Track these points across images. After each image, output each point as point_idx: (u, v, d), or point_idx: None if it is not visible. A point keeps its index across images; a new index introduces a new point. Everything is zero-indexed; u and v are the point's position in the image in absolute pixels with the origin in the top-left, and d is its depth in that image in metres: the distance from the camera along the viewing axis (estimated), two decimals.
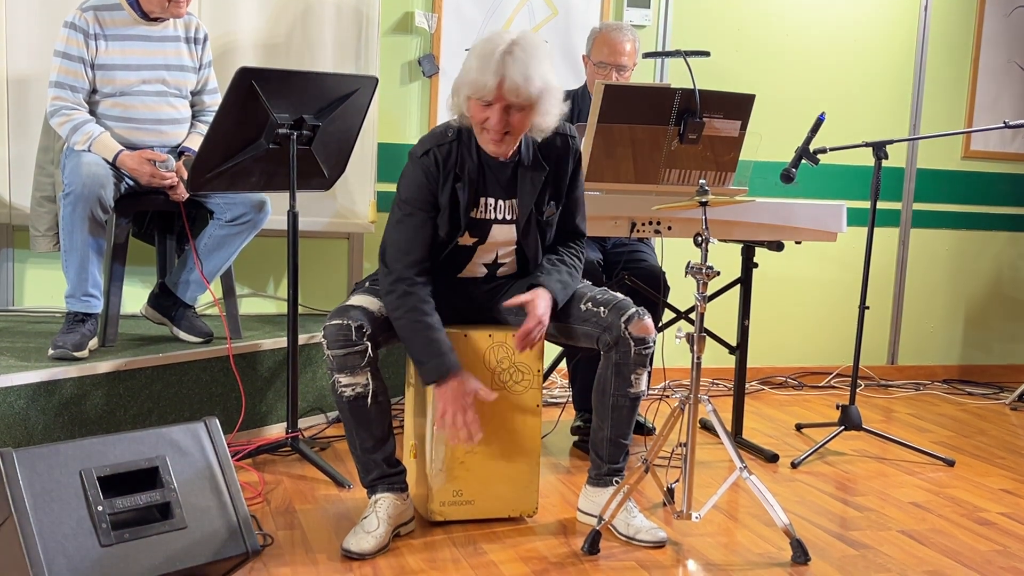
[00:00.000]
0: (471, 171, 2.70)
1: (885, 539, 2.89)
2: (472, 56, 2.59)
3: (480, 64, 2.55)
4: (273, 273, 4.28)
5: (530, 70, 2.54)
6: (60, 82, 3.25)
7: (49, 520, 2.05)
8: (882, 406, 4.62)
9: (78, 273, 3.19)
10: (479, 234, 2.78)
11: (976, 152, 5.13)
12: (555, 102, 2.64)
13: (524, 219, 2.78)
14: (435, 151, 2.67)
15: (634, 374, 2.75)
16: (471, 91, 2.58)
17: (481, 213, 2.76)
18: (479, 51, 2.58)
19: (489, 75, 2.53)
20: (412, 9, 4.29)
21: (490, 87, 2.54)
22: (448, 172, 2.67)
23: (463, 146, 2.69)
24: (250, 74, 2.92)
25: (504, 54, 2.53)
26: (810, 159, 3.60)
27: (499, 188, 2.75)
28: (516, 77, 2.53)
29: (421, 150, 2.69)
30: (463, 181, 2.69)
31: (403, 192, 2.70)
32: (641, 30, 4.55)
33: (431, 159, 2.67)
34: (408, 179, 2.70)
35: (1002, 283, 5.30)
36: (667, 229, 3.26)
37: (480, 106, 2.59)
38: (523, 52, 2.55)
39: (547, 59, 2.61)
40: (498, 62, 2.53)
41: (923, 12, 4.95)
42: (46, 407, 2.94)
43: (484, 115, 2.60)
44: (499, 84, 2.53)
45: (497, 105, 2.57)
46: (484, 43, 2.59)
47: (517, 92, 2.55)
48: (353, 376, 2.63)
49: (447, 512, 2.80)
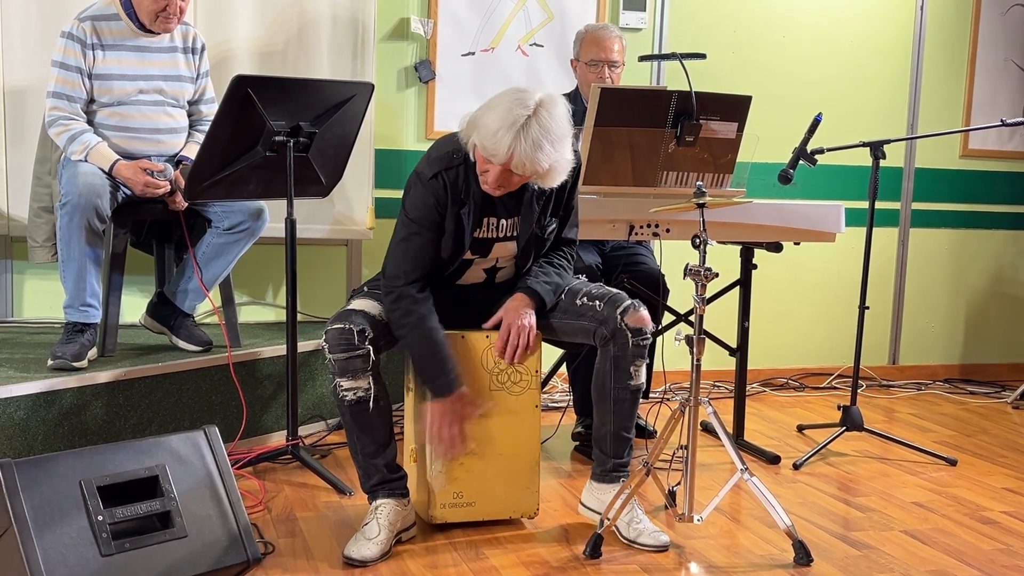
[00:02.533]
0: (476, 195, 2.69)
1: (888, 539, 2.88)
2: (493, 110, 2.53)
3: (497, 127, 2.50)
4: (272, 281, 4.28)
5: (541, 152, 2.51)
6: (58, 92, 3.25)
7: (49, 530, 2.05)
8: (884, 406, 4.61)
9: (76, 283, 3.19)
10: (481, 251, 2.80)
11: (974, 151, 5.13)
12: (563, 170, 2.62)
13: (525, 237, 2.79)
14: (443, 175, 2.65)
15: (633, 366, 2.75)
16: (480, 146, 2.57)
17: (484, 233, 2.77)
18: (502, 110, 2.51)
19: (501, 146, 2.50)
20: (407, 15, 4.29)
21: (499, 157, 2.53)
22: (456, 196, 2.67)
23: (469, 170, 2.67)
24: (246, 82, 2.92)
25: (521, 128, 2.49)
26: (808, 160, 3.60)
27: (503, 208, 2.76)
28: (524, 158, 2.51)
29: (430, 172, 2.66)
30: (468, 207, 2.69)
31: (411, 211, 2.69)
32: (637, 33, 4.55)
33: (440, 183, 2.65)
34: (416, 199, 2.68)
35: (1002, 281, 5.30)
36: (665, 231, 3.26)
37: (484, 158, 2.59)
38: (539, 129, 2.50)
39: (565, 134, 2.57)
40: (513, 136, 2.49)
41: (919, 11, 4.95)
42: (46, 417, 2.93)
43: (485, 167, 2.60)
44: (508, 159, 2.52)
45: (497, 167, 2.57)
46: (509, 102, 2.53)
47: (523, 169, 2.54)
48: (355, 380, 2.63)
49: (448, 514, 2.80)
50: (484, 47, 4.39)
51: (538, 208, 2.77)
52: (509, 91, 2.59)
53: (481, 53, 4.38)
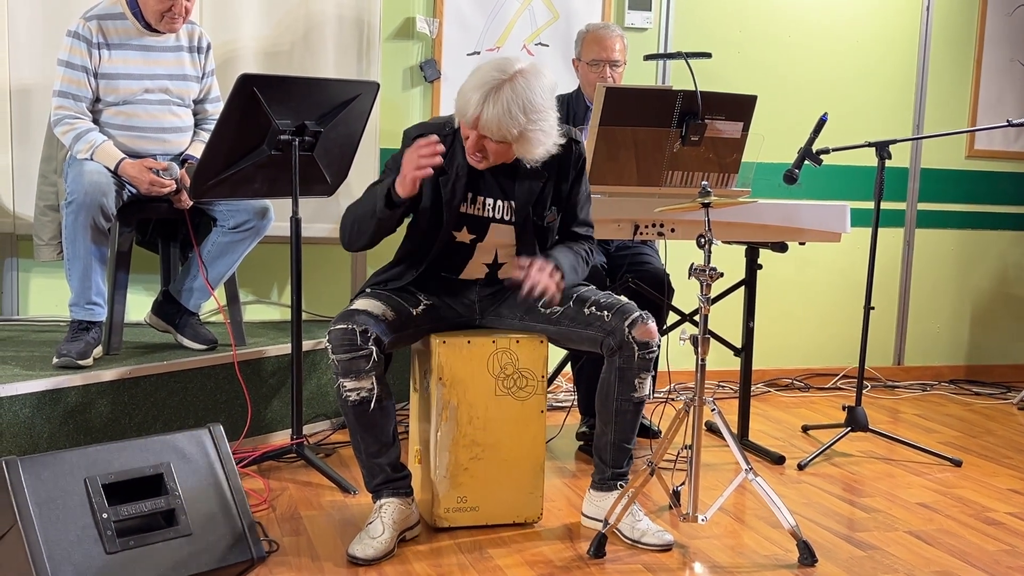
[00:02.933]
0: (460, 167, 2.72)
1: (892, 540, 2.88)
2: (474, 73, 2.60)
3: (472, 88, 2.56)
4: (276, 280, 4.29)
5: (509, 116, 2.53)
6: (63, 91, 3.26)
7: (54, 528, 2.05)
8: (889, 407, 4.61)
9: (81, 281, 3.20)
10: (477, 231, 2.79)
11: (980, 151, 5.12)
12: (538, 142, 2.62)
13: (521, 221, 2.78)
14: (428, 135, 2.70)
15: (637, 379, 2.75)
16: (455, 108, 2.63)
17: (478, 210, 2.77)
18: (480, 73, 2.58)
19: (470, 106, 2.56)
20: (413, 14, 4.29)
21: (468, 117, 2.58)
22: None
23: (457, 143, 2.71)
24: (251, 81, 2.92)
25: (492, 90, 2.53)
26: (813, 160, 3.59)
27: (496, 188, 2.77)
28: (491, 118, 2.54)
29: (416, 131, 2.74)
30: (449, 175, 2.71)
31: (391, 161, 2.76)
32: (642, 32, 4.55)
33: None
34: (397, 154, 2.74)
35: (1008, 282, 5.29)
36: (670, 231, 3.26)
37: (463, 124, 2.63)
38: (511, 94, 2.53)
39: (542, 105, 2.57)
40: (483, 96, 2.53)
41: (925, 12, 4.94)
42: (51, 415, 2.94)
43: (465, 133, 2.65)
44: (476, 119, 2.56)
45: (474, 132, 2.60)
46: (489, 67, 2.58)
47: (490, 131, 2.57)
48: (358, 380, 2.63)
49: (452, 519, 2.80)
50: (489, 46, 4.39)
51: (535, 190, 2.76)
52: (497, 58, 2.65)
53: (487, 52, 4.38)
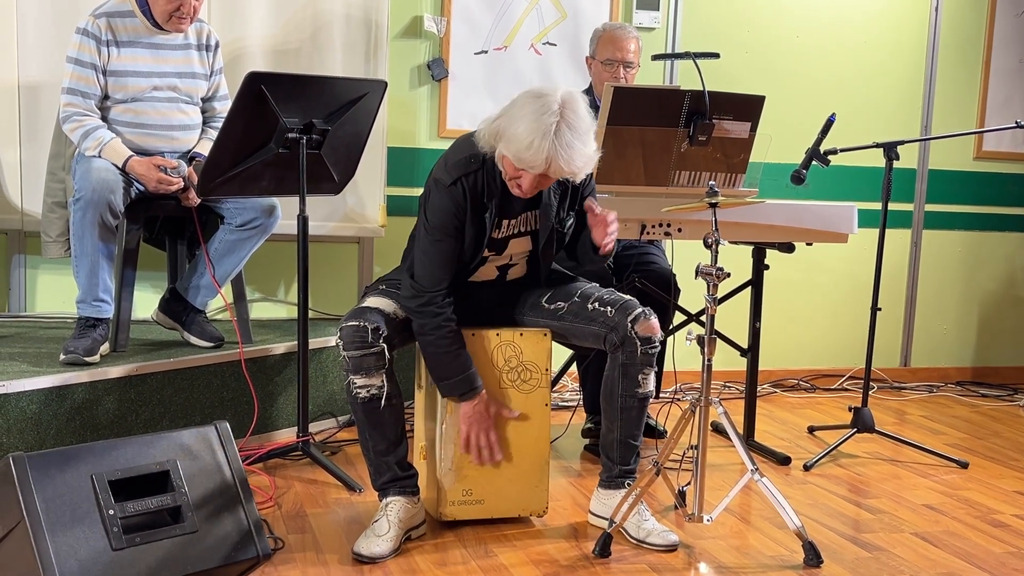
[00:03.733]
0: (498, 198, 2.70)
1: (898, 541, 2.87)
2: (523, 120, 2.51)
3: (530, 137, 2.49)
4: (283, 277, 4.29)
5: (574, 152, 2.52)
6: (72, 88, 3.26)
7: (61, 524, 2.05)
8: (895, 408, 4.60)
9: (89, 278, 3.20)
10: (497, 249, 2.80)
11: (988, 153, 5.11)
12: (592, 164, 2.63)
13: (545, 234, 2.79)
14: (463, 181, 2.65)
15: (641, 374, 2.75)
16: (513, 158, 2.55)
17: (502, 233, 2.77)
18: (530, 119, 2.50)
19: (539, 156, 2.50)
20: (421, 13, 4.29)
21: (537, 167, 2.53)
22: (476, 202, 2.67)
23: (488, 174, 2.67)
24: (259, 79, 2.93)
25: (554, 135, 2.48)
26: (821, 160, 3.59)
27: (521, 205, 2.76)
28: (561, 163, 2.51)
29: (449, 179, 2.65)
30: (490, 211, 2.70)
31: (432, 219, 2.68)
32: (650, 32, 4.55)
33: (459, 189, 2.65)
34: (437, 207, 2.67)
35: (1015, 284, 5.28)
36: (677, 231, 3.26)
37: (514, 168, 2.58)
38: (570, 132, 2.50)
39: (590, 128, 2.58)
40: (549, 145, 2.48)
41: (934, 13, 4.93)
42: (58, 412, 2.95)
43: (517, 175, 2.60)
44: (546, 167, 2.53)
45: (535, 175, 2.57)
46: (535, 110, 2.50)
47: (559, 173, 2.56)
48: (368, 378, 2.64)
49: (457, 512, 2.80)
50: (497, 45, 4.39)
51: (555, 202, 2.77)
52: (529, 97, 2.56)
53: (494, 51, 4.38)
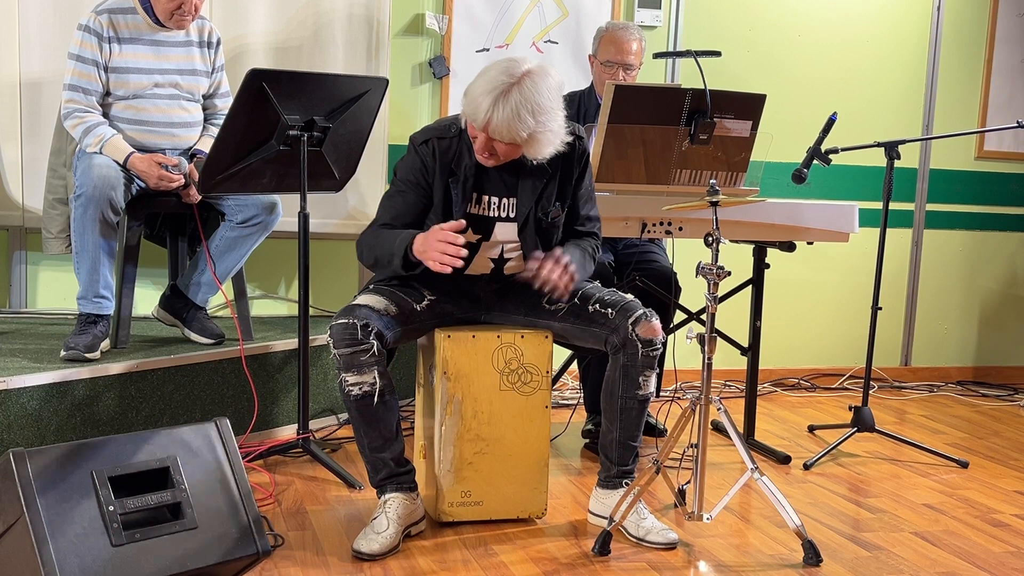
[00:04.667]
0: (467, 169, 2.73)
1: (898, 541, 2.87)
2: (481, 76, 2.61)
3: (480, 92, 2.56)
4: (284, 275, 4.29)
5: (518, 120, 2.54)
6: (74, 85, 3.26)
7: (61, 520, 2.05)
8: (895, 408, 4.60)
9: (90, 275, 3.21)
10: (482, 231, 2.80)
11: (990, 152, 5.11)
12: (547, 142, 2.63)
13: (523, 219, 2.79)
14: (434, 142, 2.73)
15: (642, 376, 2.75)
16: (463, 112, 2.65)
17: (483, 210, 2.77)
18: (488, 76, 2.58)
19: (480, 111, 2.56)
20: (422, 11, 4.29)
21: (478, 121, 2.59)
22: (444, 166, 2.72)
23: (463, 143, 2.72)
24: (260, 76, 2.93)
25: (501, 94, 2.54)
26: (822, 159, 3.59)
27: (502, 186, 2.78)
28: (501, 122, 2.55)
29: (422, 138, 2.76)
30: (457, 177, 2.73)
31: (400, 171, 2.80)
32: (652, 31, 4.54)
33: (429, 148, 2.73)
34: (405, 162, 2.79)
35: (1017, 284, 5.27)
36: (678, 230, 3.26)
37: (472, 126, 2.64)
38: (520, 98, 2.54)
39: (549, 106, 2.58)
40: (492, 100, 2.54)
41: (936, 12, 4.93)
42: (58, 408, 2.95)
43: (473, 134, 2.66)
44: (486, 123, 2.57)
45: (483, 135, 2.61)
46: (497, 70, 2.58)
47: (500, 134, 2.58)
48: (360, 375, 2.64)
49: (456, 513, 2.80)
50: (499, 43, 4.39)
51: (538, 187, 2.77)
52: (503, 60, 2.64)
53: (496, 49, 4.38)
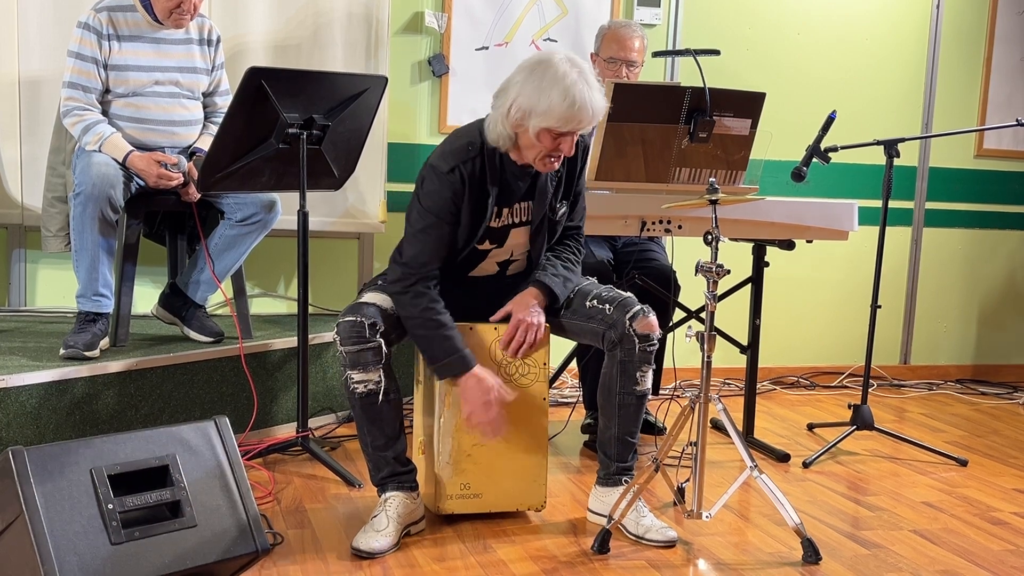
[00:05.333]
0: (499, 184, 2.71)
1: (897, 539, 2.88)
2: (548, 90, 2.53)
3: (570, 102, 2.52)
4: (283, 273, 4.29)
5: (603, 96, 2.60)
6: (73, 82, 3.26)
7: (60, 518, 2.05)
8: (895, 406, 4.60)
9: (89, 273, 3.20)
10: (498, 240, 2.80)
11: (989, 150, 5.11)
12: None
13: (538, 221, 2.79)
14: (461, 168, 2.65)
15: (639, 371, 2.75)
16: (559, 124, 2.56)
17: (501, 221, 2.77)
18: (559, 87, 2.53)
19: (586, 112, 2.54)
20: (422, 9, 4.29)
21: (586, 123, 2.57)
22: (474, 189, 2.68)
23: (486, 162, 2.68)
24: (260, 74, 2.92)
25: (587, 86, 2.54)
26: (821, 157, 3.59)
27: (519, 192, 2.77)
28: (599, 105, 2.58)
29: (447, 167, 2.65)
30: (492, 196, 2.70)
31: (426, 202, 2.67)
32: (651, 29, 4.54)
33: (457, 176, 2.65)
34: (432, 192, 2.67)
35: (1016, 282, 5.27)
36: (677, 228, 3.26)
37: (553, 136, 2.59)
38: (592, 79, 2.58)
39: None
40: (589, 97, 2.54)
41: (935, 10, 4.93)
42: (57, 406, 2.95)
43: (557, 143, 2.60)
44: (592, 116, 2.57)
45: (572, 135, 2.60)
46: (553, 76, 2.54)
47: (597, 119, 2.61)
48: (366, 373, 2.64)
49: (455, 506, 2.80)
50: (498, 42, 4.39)
51: (552, 188, 2.78)
52: (538, 70, 2.58)
53: (495, 48, 4.38)
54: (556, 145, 2.61)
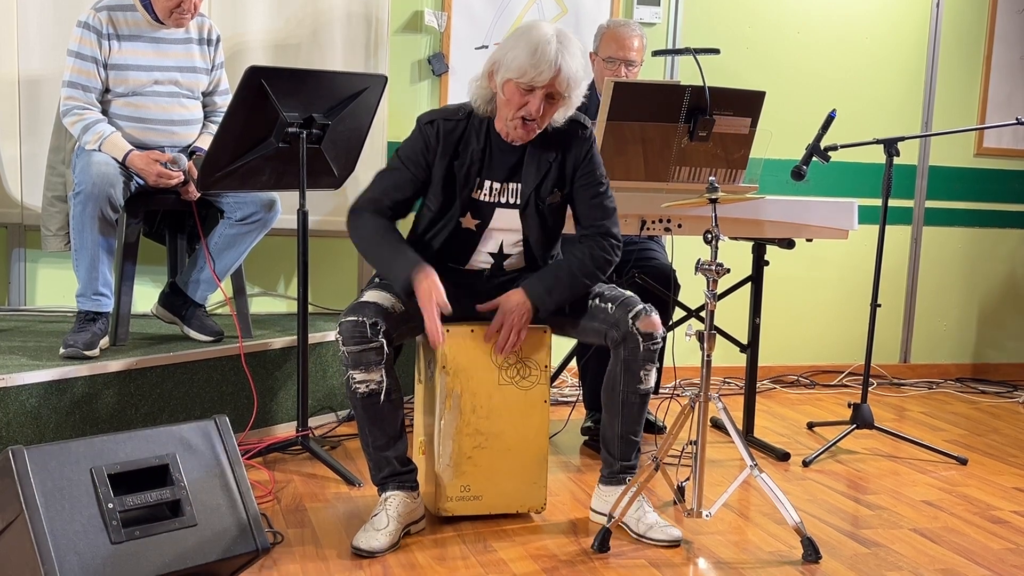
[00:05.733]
0: (474, 152, 2.73)
1: (897, 537, 2.88)
2: (518, 43, 2.61)
3: (532, 51, 2.58)
4: (283, 272, 4.29)
5: (580, 64, 2.63)
6: (73, 82, 3.26)
7: (60, 517, 2.05)
8: (894, 405, 4.60)
9: (88, 272, 3.20)
10: (481, 217, 2.80)
11: (989, 149, 5.11)
12: (579, 98, 2.71)
13: (525, 202, 2.79)
14: (440, 123, 2.74)
15: (643, 370, 2.75)
16: (519, 75, 2.61)
17: (485, 195, 2.77)
18: (528, 39, 2.60)
19: (546, 64, 2.58)
20: (421, 8, 4.29)
21: (545, 75, 2.59)
22: (448, 147, 2.73)
23: (471, 127, 2.74)
24: (259, 73, 2.92)
25: (560, 45, 2.59)
26: (821, 156, 3.59)
27: (504, 171, 2.77)
28: (570, 70, 2.61)
29: (428, 119, 2.77)
30: (463, 160, 2.73)
31: (401, 151, 2.80)
32: (651, 28, 4.54)
33: (434, 129, 2.74)
34: (409, 140, 2.80)
35: (1016, 281, 5.28)
36: (677, 227, 3.26)
37: (521, 91, 2.63)
38: (572, 46, 2.62)
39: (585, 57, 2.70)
40: (556, 53, 2.58)
41: (935, 9, 4.93)
42: (57, 406, 2.95)
43: (524, 100, 2.64)
44: (556, 74, 2.59)
45: (541, 92, 2.62)
46: (530, 32, 2.62)
47: (567, 84, 2.62)
48: (367, 373, 2.64)
49: (456, 507, 2.81)
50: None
51: (542, 171, 2.77)
52: (519, 28, 2.68)
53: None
54: (523, 103, 2.63)
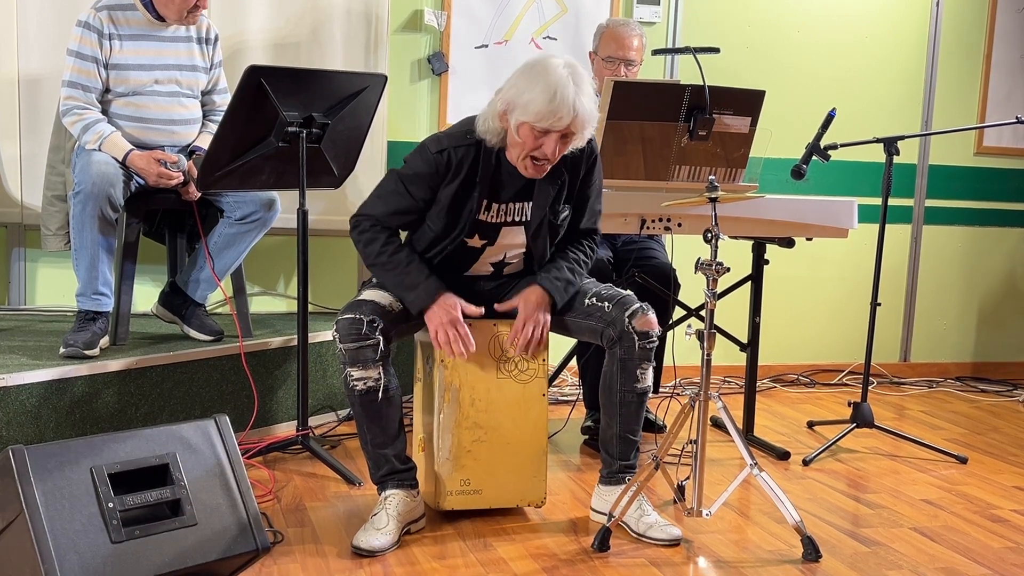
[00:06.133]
0: (483, 179, 2.71)
1: (897, 536, 2.88)
2: (533, 86, 2.55)
3: (551, 97, 2.52)
4: (283, 271, 4.29)
5: (592, 101, 2.59)
6: (73, 81, 3.26)
7: (60, 517, 2.05)
8: (894, 403, 4.60)
9: (88, 271, 3.20)
10: (488, 237, 2.79)
11: (989, 148, 5.11)
12: (593, 129, 2.68)
13: (536, 223, 2.78)
14: (451, 152, 2.68)
15: (639, 369, 2.75)
16: (536, 120, 2.56)
17: (492, 217, 2.77)
18: (545, 83, 2.53)
19: (565, 110, 2.53)
20: (421, 7, 4.29)
21: (564, 121, 2.55)
22: (458, 174, 2.68)
23: (480, 152, 2.69)
24: (259, 72, 2.92)
25: (576, 88, 2.54)
26: (821, 155, 3.59)
27: (512, 192, 2.76)
28: (585, 111, 2.56)
29: (437, 147, 2.69)
30: (472, 186, 2.70)
31: (405, 170, 2.74)
32: (651, 27, 4.54)
33: (444, 159, 2.68)
34: (415, 164, 2.73)
35: (1015, 280, 5.27)
36: (677, 226, 3.26)
37: (536, 134, 2.59)
38: (585, 83, 2.57)
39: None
40: (573, 97, 2.53)
41: (935, 7, 4.92)
42: (57, 405, 2.95)
43: (538, 143, 2.60)
44: (574, 119, 2.55)
45: (556, 135, 2.58)
46: (547, 74, 2.55)
47: (583, 124, 2.58)
48: (365, 370, 2.64)
49: (455, 502, 2.81)
50: (497, 40, 4.39)
51: (554, 190, 2.77)
52: (530, 66, 2.61)
53: (495, 46, 4.38)
54: (538, 145, 2.60)
